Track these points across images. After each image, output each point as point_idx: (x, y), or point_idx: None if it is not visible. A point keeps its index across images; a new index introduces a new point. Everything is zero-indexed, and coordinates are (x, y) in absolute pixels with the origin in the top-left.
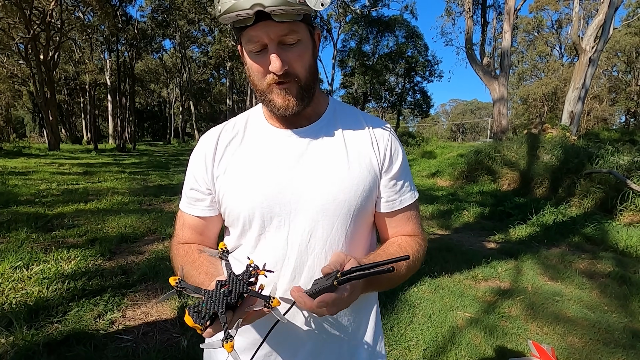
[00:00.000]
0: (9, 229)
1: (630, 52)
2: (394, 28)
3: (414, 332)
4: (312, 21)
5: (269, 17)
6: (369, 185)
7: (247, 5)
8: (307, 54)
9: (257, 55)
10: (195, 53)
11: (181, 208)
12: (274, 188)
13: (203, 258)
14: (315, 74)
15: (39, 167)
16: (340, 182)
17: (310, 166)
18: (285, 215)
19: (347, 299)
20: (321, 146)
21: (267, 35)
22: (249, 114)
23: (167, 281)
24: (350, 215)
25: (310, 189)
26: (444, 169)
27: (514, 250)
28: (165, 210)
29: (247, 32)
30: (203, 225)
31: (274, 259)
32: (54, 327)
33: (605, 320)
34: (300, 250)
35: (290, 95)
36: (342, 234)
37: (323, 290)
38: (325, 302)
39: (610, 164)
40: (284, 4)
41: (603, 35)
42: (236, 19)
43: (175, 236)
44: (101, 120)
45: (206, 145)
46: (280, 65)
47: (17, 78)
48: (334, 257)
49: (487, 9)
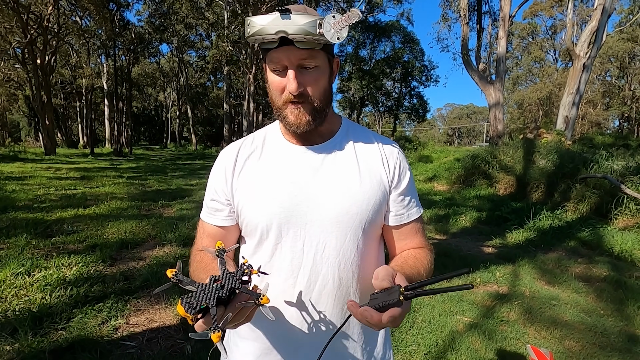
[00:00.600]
0: (8, 234)
1: (623, 58)
2: (390, 33)
3: (415, 337)
4: (331, 50)
5: (292, 43)
6: (379, 200)
7: (272, 31)
8: (323, 79)
9: (278, 74)
10: (193, 57)
11: (202, 217)
12: (292, 201)
13: (216, 263)
14: (328, 97)
15: (35, 172)
16: (353, 196)
17: (325, 180)
18: (302, 226)
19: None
20: (335, 162)
21: (288, 59)
22: (266, 131)
23: (170, 287)
24: (362, 227)
25: (325, 202)
26: (441, 173)
27: (511, 255)
28: (164, 215)
29: (271, 54)
30: (222, 234)
31: (291, 267)
32: (59, 334)
33: (602, 324)
34: (315, 259)
35: (302, 115)
36: (354, 244)
37: (390, 305)
38: (394, 317)
39: (605, 169)
40: (306, 33)
41: (596, 41)
42: (262, 42)
43: (194, 244)
44: (97, 125)
45: (226, 158)
46: (296, 87)
47: (13, 82)
48: (384, 272)
49: (482, 16)
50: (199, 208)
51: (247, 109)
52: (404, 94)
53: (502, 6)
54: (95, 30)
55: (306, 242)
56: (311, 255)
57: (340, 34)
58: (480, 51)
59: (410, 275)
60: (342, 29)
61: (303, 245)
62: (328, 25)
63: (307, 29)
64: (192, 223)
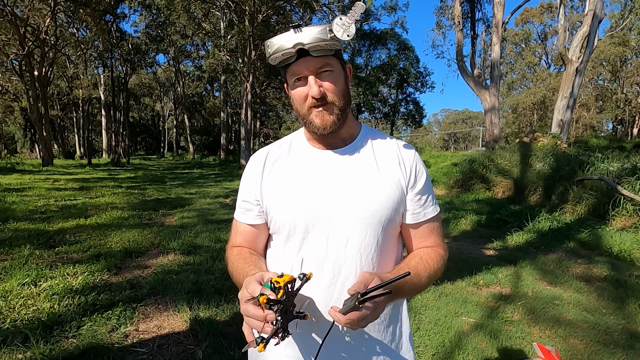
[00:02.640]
0: (12, 245)
1: (615, 62)
2: (385, 41)
3: (422, 339)
4: (342, 56)
5: (308, 54)
6: (397, 199)
7: (290, 45)
8: (340, 81)
9: (299, 84)
10: (189, 67)
11: (235, 217)
12: (317, 200)
13: (254, 257)
14: (347, 97)
15: (34, 183)
16: (373, 196)
17: (347, 181)
18: (326, 222)
19: (373, 313)
20: (356, 164)
21: (306, 68)
22: (292, 137)
23: (177, 294)
24: (381, 224)
25: (347, 201)
26: (439, 178)
27: (512, 257)
28: (166, 224)
29: (291, 68)
30: (253, 232)
31: (316, 259)
32: (70, 342)
33: (604, 322)
34: (338, 253)
35: (327, 116)
36: (374, 240)
37: (349, 310)
38: (351, 320)
39: (601, 171)
40: (319, 40)
41: (588, 46)
42: (282, 58)
43: (229, 241)
44: (94, 135)
45: (256, 163)
46: (318, 90)
47: (9, 94)
48: (359, 278)
49: (476, 23)
50: (200, 216)
51: (245, 117)
52: (400, 101)
53: (495, 13)
54: (92, 41)
55: (330, 236)
56: (335, 248)
57: (349, 31)
58: (475, 57)
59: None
60: (350, 26)
61: (327, 240)
62: (337, 26)
63: (320, 36)
64: (195, 231)
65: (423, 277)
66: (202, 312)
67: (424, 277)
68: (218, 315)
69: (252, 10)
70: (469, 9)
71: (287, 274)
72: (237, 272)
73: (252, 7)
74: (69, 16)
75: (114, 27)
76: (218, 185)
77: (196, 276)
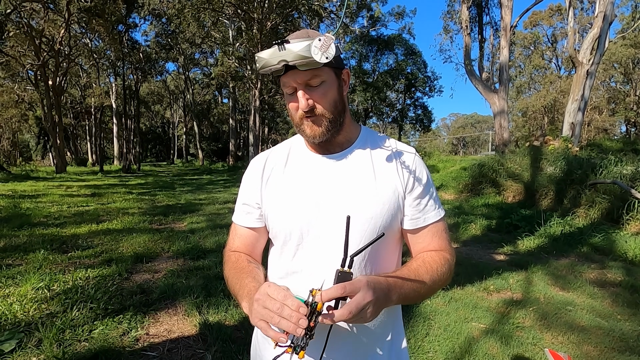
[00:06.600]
0: (26, 250)
1: (627, 64)
2: (393, 46)
3: (431, 344)
4: (337, 64)
5: (295, 67)
6: (393, 206)
7: (275, 62)
8: (331, 92)
9: (291, 96)
10: (198, 74)
11: (234, 220)
12: (312, 206)
13: (251, 267)
14: (340, 107)
15: (47, 190)
16: (368, 202)
17: (342, 187)
18: (321, 229)
19: (373, 309)
20: (352, 170)
21: (294, 81)
22: (291, 142)
23: (186, 299)
24: (376, 230)
25: (342, 207)
26: (448, 182)
27: (523, 262)
28: (176, 229)
29: (281, 80)
30: (252, 235)
31: (309, 267)
32: (82, 345)
33: (619, 329)
34: (331, 260)
35: (316, 127)
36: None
37: (336, 282)
38: (342, 317)
39: (614, 174)
40: (301, 58)
41: (599, 48)
42: (271, 71)
43: (227, 244)
44: (106, 142)
45: (256, 167)
46: (306, 104)
47: (24, 103)
48: (334, 285)
49: (483, 26)
50: (210, 222)
51: (253, 124)
52: (408, 105)
53: (503, 16)
54: (104, 51)
55: (324, 244)
56: (328, 256)
57: (327, 53)
58: (483, 61)
59: (401, 279)
60: (327, 49)
61: (321, 247)
62: (315, 48)
63: (302, 54)
64: (204, 235)
65: (425, 280)
66: (212, 316)
67: (426, 279)
68: (227, 320)
69: (261, 18)
70: (477, 13)
71: (315, 289)
72: (232, 281)
73: (261, 15)
74: (82, 27)
75: (125, 37)
76: (227, 191)
77: (205, 281)
